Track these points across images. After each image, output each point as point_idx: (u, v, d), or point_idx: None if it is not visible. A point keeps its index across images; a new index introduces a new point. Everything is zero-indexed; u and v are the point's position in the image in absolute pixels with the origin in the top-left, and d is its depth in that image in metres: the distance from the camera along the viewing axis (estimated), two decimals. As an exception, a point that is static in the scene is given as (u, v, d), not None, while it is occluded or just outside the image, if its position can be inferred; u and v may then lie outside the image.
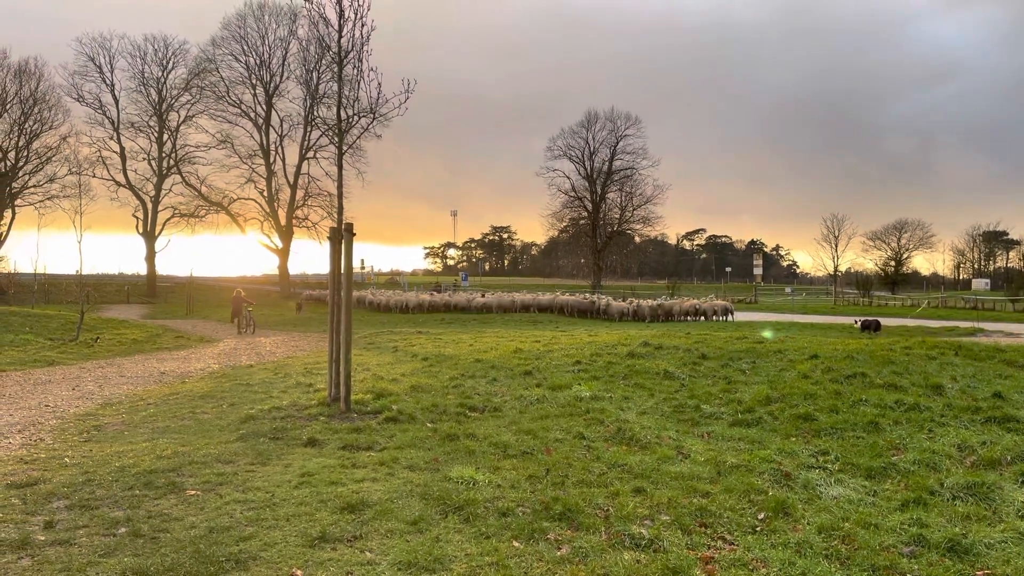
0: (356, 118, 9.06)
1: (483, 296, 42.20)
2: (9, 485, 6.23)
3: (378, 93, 8.99)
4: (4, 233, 56.49)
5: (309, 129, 61.32)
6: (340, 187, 9.11)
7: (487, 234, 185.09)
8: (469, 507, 5.72)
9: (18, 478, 6.47)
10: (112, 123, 59.41)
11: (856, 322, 26.74)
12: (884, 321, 33.45)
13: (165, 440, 7.97)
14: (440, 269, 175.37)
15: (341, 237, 9.05)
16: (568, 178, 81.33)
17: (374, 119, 9.14)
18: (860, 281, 76.37)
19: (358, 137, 9.19)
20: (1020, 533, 5.12)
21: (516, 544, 5.11)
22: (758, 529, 5.48)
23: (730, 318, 34.53)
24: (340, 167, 9.09)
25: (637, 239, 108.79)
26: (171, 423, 8.90)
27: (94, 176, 56.91)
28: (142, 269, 65.92)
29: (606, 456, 7.21)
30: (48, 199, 54.80)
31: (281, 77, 61.28)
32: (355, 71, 9.05)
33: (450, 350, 16.66)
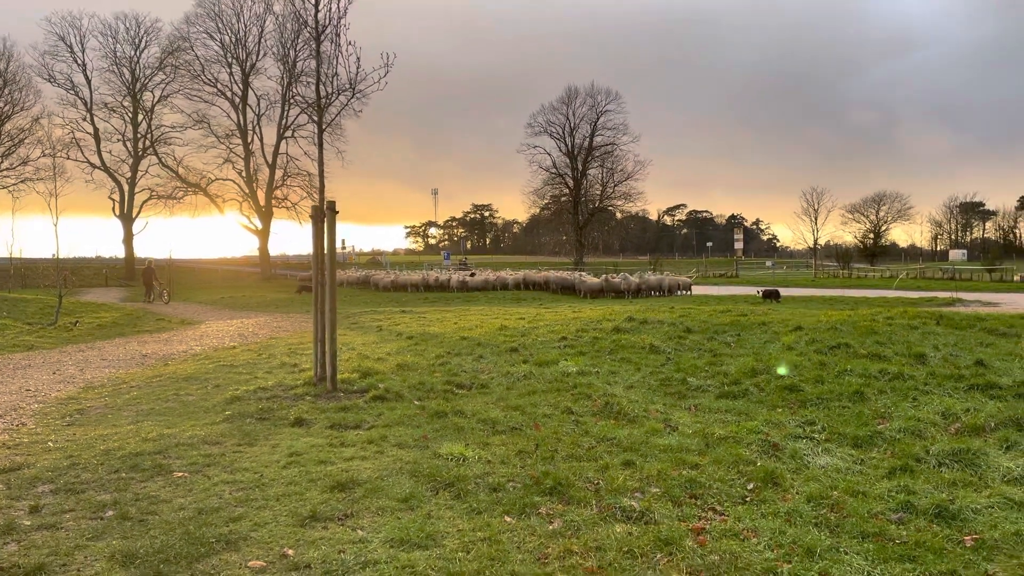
0: (335, 94, 8.89)
1: (471, 275, 42.05)
2: (-8, 471, 6.14)
3: (357, 68, 8.85)
4: (-23, 217, 55.54)
5: (287, 108, 60.52)
6: (321, 165, 8.97)
7: (468, 212, 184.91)
8: (459, 483, 5.71)
9: (1, 463, 6.37)
10: (85, 104, 58.37)
11: (759, 292, 28.58)
12: (864, 293, 33.87)
13: (150, 423, 7.89)
14: (421, 248, 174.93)
15: (323, 216, 8.94)
16: (549, 155, 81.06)
17: (353, 95, 8.99)
18: (840, 254, 76.89)
19: (338, 114, 9.05)
20: (1006, 498, 5.18)
21: (508, 519, 5.10)
22: (748, 499, 5.52)
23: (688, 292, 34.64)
24: (320, 145, 8.95)
25: (619, 215, 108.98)
26: (155, 405, 8.81)
27: (68, 158, 55.97)
28: (120, 252, 65.18)
29: (595, 430, 7.22)
30: (22, 182, 53.84)
31: (257, 55, 60.34)
32: (333, 46, 8.89)
33: (435, 328, 16.61)
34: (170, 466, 6.21)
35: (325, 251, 8.93)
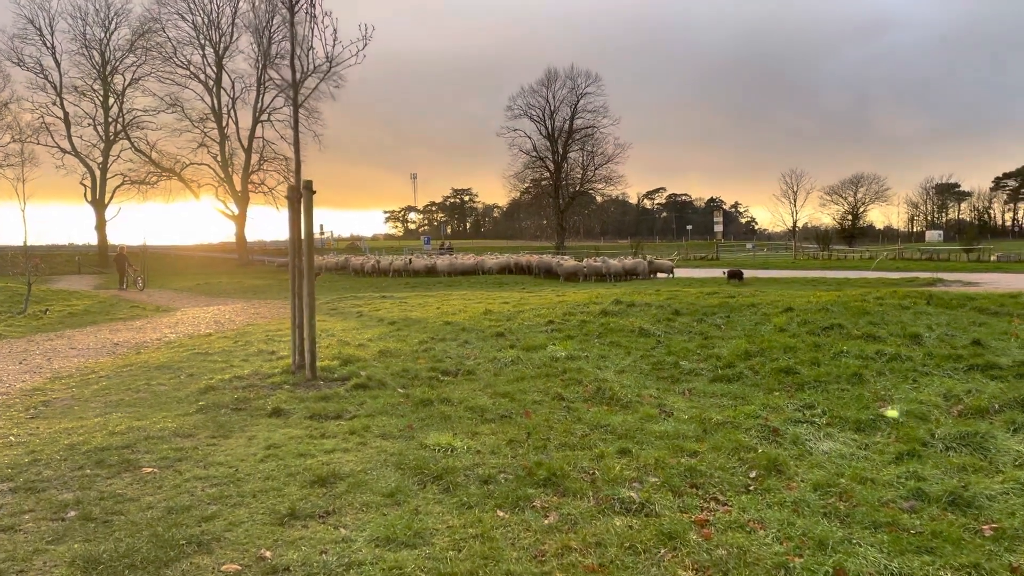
0: (311, 68, 8.47)
1: (454, 257, 41.63)
2: (-54, 469, 5.73)
3: (334, 41, 8.41)
4: (-56, 204, 54.13)
5: (262, 90, 59.56)
6: (297, 143, 8.55)
7: (448, 197, 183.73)
8: (448, 476, 5.40)
9: (-44, 461, 5.96)
10: (55, 87, 56.84)
11: (724, 272, 29.42)
12: (845, 274, 33.88)
13: (118, 415, 7.49)
14: (401, 233, 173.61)
15: (300, 196, 8.54)
16: (529, 138, 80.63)
17: (330, 69, 8.57)
18: (820, 236, 77.21)
19: (313, 89, 8.62)
20: (1021, 484, 4.95)
21: (501, 514, 4.80)
22: (751, 488, 5.26)
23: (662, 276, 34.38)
24: (296, 123, 8.53)
25: (599, 199, 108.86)
26: (125, 396, 8.39)
27: (38, 143, 54.67)
28: (93, 239, 63.93)
29: (587, 417, 6.93)
30: (-10, 168, 52.45)
31: (231, 37, 59.18)
32: (308, 17, 8.44)
33: (417, 314, 16.25)
34: (138, 461, 5.84)
35: (302, 233, 8.54)
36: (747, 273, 36.29)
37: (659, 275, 33.94)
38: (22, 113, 54.07)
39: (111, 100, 58.25)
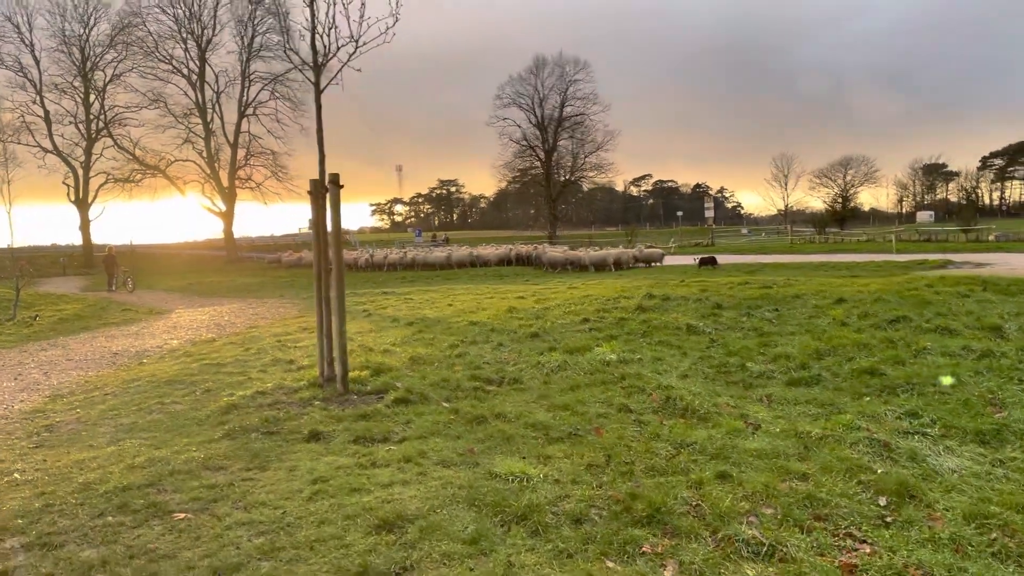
0: (336, 47, 7.62)
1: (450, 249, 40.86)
2: (-56, 519, 4.91)
3: (361, 14, 7.55)
4: (-77, 207, 52.61)
5: (247, 84, 58.38)
6: (320, 133, 7.70)
7: (434, 188, 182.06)
8: (533, 514, 4.63)
9: (-45, 508, 5.14)
10: (34, 85, 55.36)
11: (695, 259, 29.48)
12: (847, 257, 33.30)
13: (133, 442, 6.66)
14: (388, 226, 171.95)
15: (325, 190, 7.71)
16: (519, 127, 79.47)
17: (356, 50, 7.72)
18: (816, 219, 76.76)
19: (337, 72, 7.79)
20: None
21: (610, 564, 4.06)
22: (888, 520, 4.53)
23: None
24: (319, 110, 7.67)
25: (589, 187, 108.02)
26: (137, 418, 7.55)
27: (19, 143, 53.27)
28: (77, 239, 62.54)
29: (665, 433, 6.18)
30: (-30, 170, 51.07)
31: (213, 30, 57.87)
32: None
33: (430, 312, 15.45)
34: (167, 504, 5.03)
35: (329, 230, 7.74)
36: (746, 259, 35.74)
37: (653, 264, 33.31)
38: (2, 113, 52.63)
39: (92, 97, 56.85)
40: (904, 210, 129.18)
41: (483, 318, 12.83)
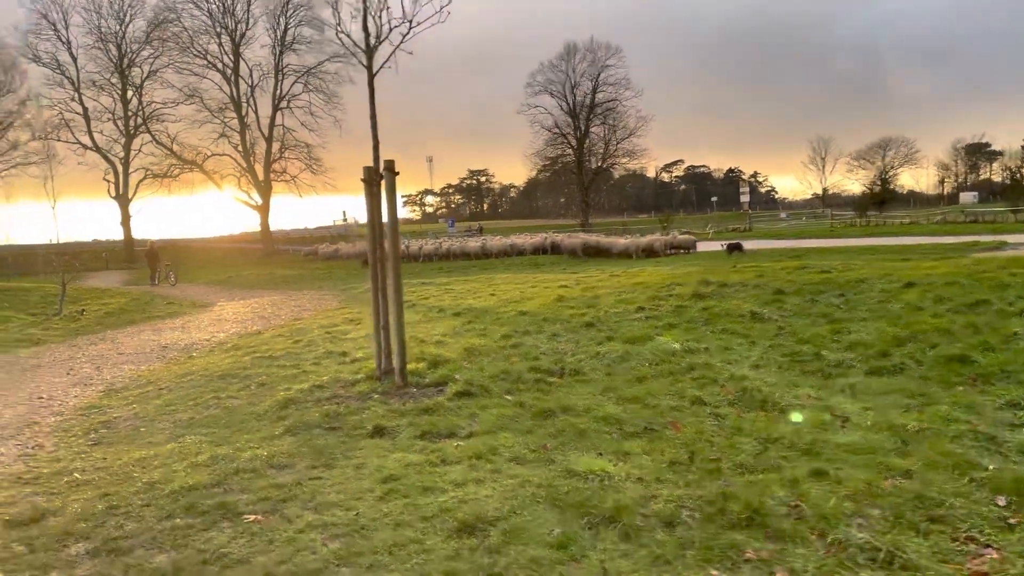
0: (389, 29, 7.36)
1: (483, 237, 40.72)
2: (9, 523, 4.75)
3: (415, -5, 7.27)
4: (-31, 206, 53.73)
5: (280, 77, 58.67)
6: (374, 118, 7.45)
7: (464, 178, 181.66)
8: (621, 516, 4.34)
9: (19, 509, 4.98)
10: (72, 83, 56.25)
11: (723, 245, 29.33)
12: (892, 240, 32.39)
13: (193, 438, 6.50)
14: (419, 217, 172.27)
15: (380, 177, 7.47)
16: (550, 114, 78.92)
17: (409, 30, 7.46)
18: (856, 202, 75.12)
19: (390, 55, 7.53)
20: None
21: (714, 572, 3.76)
22: (1012, 522, 4.16)
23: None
24: (372, 94, 7.43)
25: (619, 173, 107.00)
26: (195, 414, 7.41)
27: (59, 140, 54.12)
28: (117, 234, 63.55)
29: (747, 427, 5.85)
30: (12, 167, 51.98)
31: (247, 24, 58.19)
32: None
33: (475, 302, 15.21)
34: (236, 505, 4.83)
35: (385, 219, 7.51)
36: (787, 244, 34.94)
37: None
38: (42, 110, 53.46)
39: (129, 93, 57.57)
40: (945, 191, 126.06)
41: (532, 307, 12.55)
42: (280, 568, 3.97)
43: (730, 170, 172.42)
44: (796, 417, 6.03)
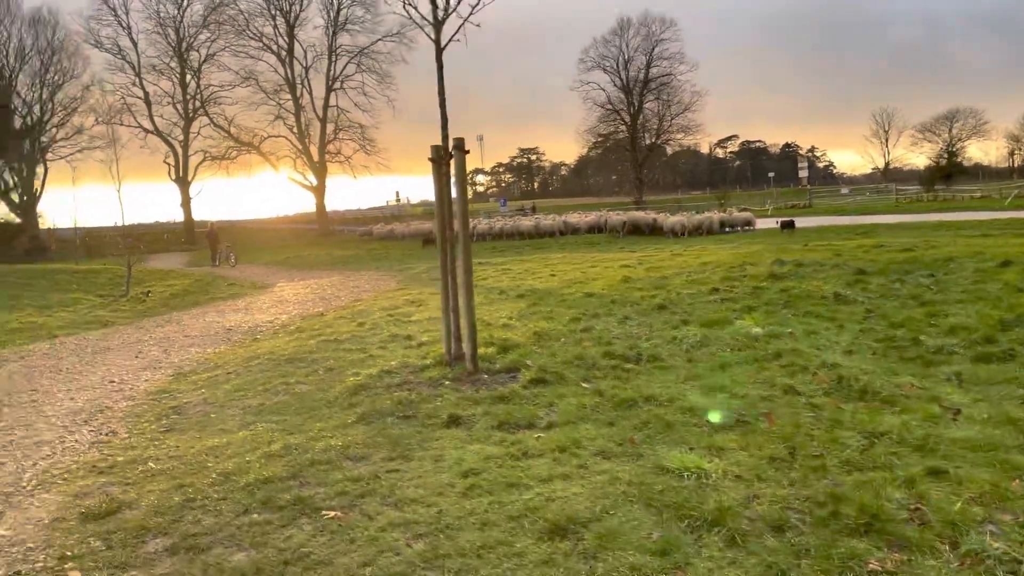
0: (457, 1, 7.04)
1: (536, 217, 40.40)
2: (86, 516, 4.66)
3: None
4: (39, 189, 55.42)
5: (334, 58, 58.92)
6: (442, 94, 7.16)
7: (515, 157, 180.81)
8: (725, 519, 4.01)
9: (95, 501, 4.90)
10: (133, 68, 57.47)
11: (777, 223, 29.92)
12: (964, 215, 30.96)
13: (265, 426, 6.38)
14: (470, 196, 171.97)
15: (450, 157, 7.20)
16: (603, 90, 77.82)
17: (479, 1, 7.13)
18: (922, 176, 72.29)
19: (459, 28, 7.21)
20: None
21: (836, 586, 3.41)
22: None
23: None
24: (440, 69, 7.14)
25: (673, 150, 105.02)
26: (264, 400, 7.30)
27: (121, 124, 55.35)
28: (177, 216, 65.05)
29: (848, 419, 5.44)
30: (78, 151, 53.44)
31: (301, 5, 58.52)
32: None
33: (535, 283, 14.91)
34: (314, 500, 4.65)
35: (454, 199, 7.26)
36: (852, 220, 33.69)
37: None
38: (105, 95, 54.74)
39: (188, 77, 58.52)
40: (1016, 164, 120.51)
41: (597, 289, 12.19)
42: (364, 571, 3.76)
43: (786, 144, 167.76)
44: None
